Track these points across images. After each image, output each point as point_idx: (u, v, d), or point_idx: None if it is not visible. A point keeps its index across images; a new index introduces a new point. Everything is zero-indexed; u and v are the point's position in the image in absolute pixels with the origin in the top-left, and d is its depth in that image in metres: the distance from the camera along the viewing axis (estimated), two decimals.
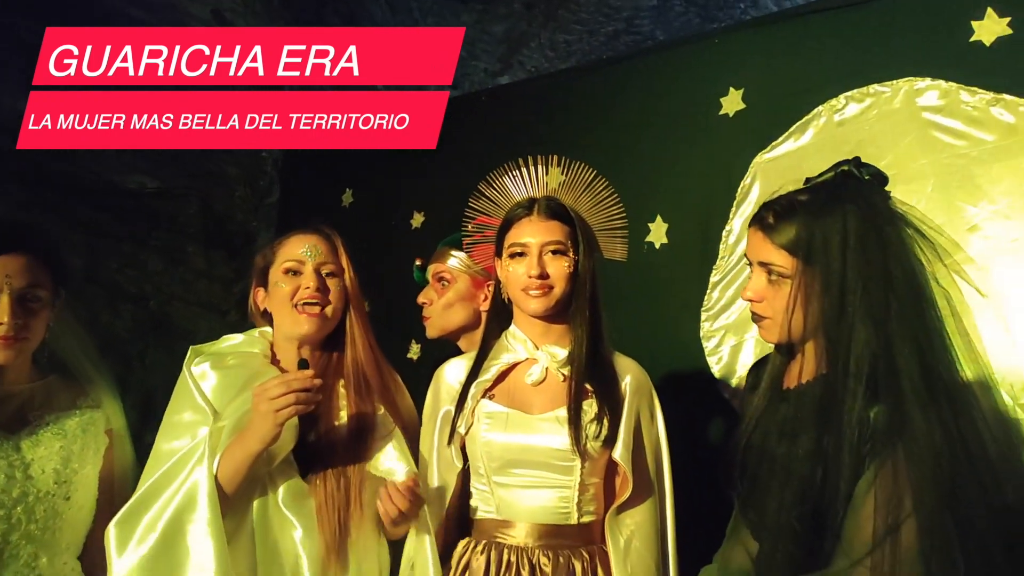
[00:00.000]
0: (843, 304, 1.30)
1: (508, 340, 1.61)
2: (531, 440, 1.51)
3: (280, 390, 1.38)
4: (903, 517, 1.20)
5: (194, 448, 1.43)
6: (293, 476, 1.49)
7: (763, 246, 1.39)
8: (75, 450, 1.53)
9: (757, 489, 1.39)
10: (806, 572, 1.29)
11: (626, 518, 1.51)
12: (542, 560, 1.47)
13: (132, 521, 1.39)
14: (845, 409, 1.26)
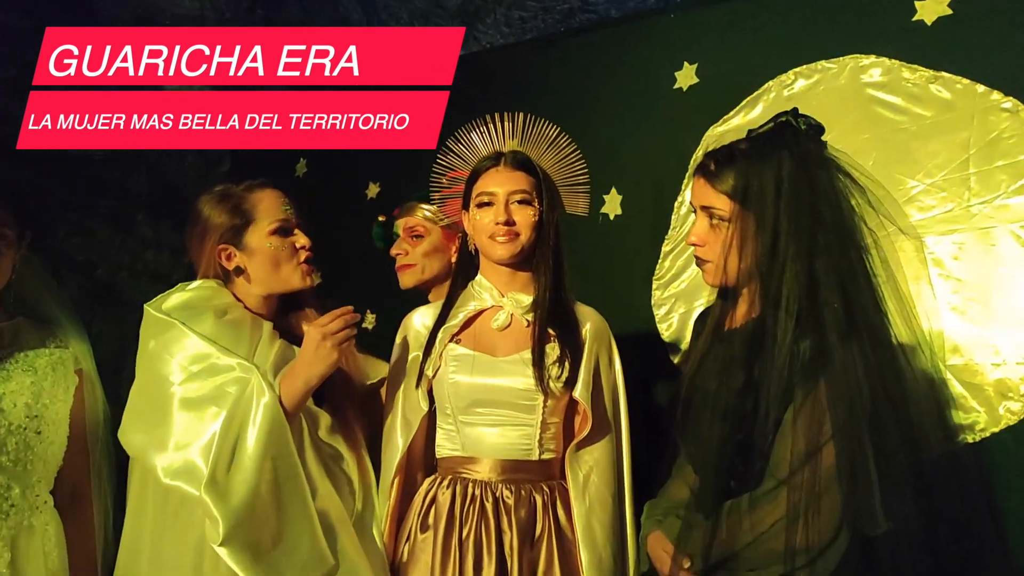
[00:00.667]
0: (775, 244, 1.39)
1: (474, 289, 1.69)
2: (496, 381, 1.59)
3: (339, 324, 1.48)
4: (824, 440, 1.31)
5: (252, 392, 1.45)
6: (316, 410, 1.58)
7: (705, 191, 1.48)
8: (45, 387, 1.57)
9: (697, 423, 1.49)
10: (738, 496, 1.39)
11: (585, 455, 1.60)
12: (505, 493, 1.57)
13: (220, 478, 1.38)
14: (776, 344, 1.36)
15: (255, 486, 1.39)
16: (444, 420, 1.64)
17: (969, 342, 1.94)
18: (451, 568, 1.52)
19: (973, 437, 1.91)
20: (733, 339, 1.50)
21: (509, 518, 1.54)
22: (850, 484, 1.31)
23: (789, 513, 1.31)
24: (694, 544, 1.41)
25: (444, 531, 1.54)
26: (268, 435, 1.42)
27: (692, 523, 1.44)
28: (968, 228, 1.96)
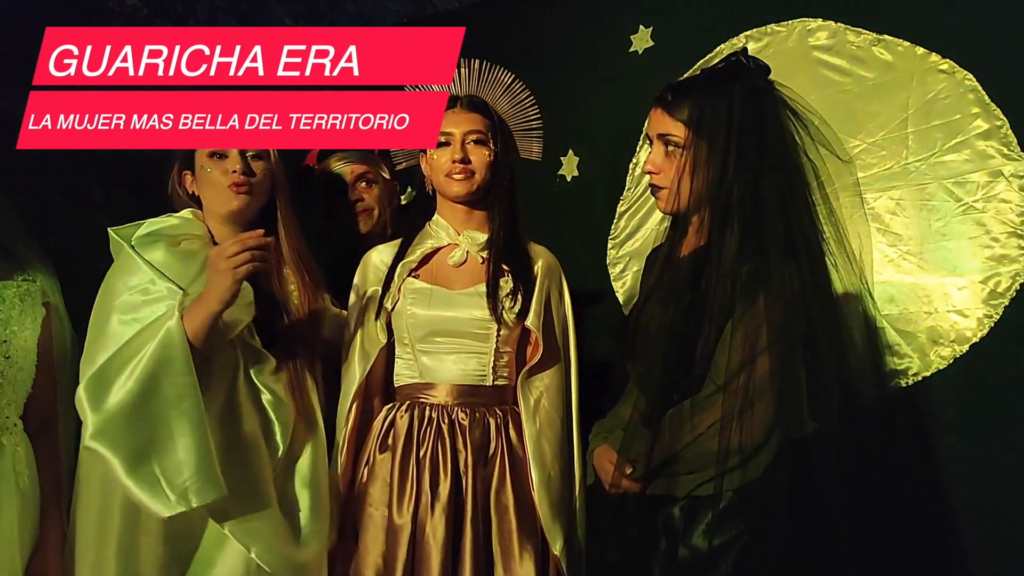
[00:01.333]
0: (725, 169, 1.51)
1: (431, 228, 1.79)
2: (452, 312, 1.69)
3: (236, 248, 1.48)
4: (760, 349, 1.43)
5: (166, 315, 1.51)
6: (258, 349, 1.63)
7: (662, 120, 1.58)
8: (13, 315, 1.63)
9: (645, 344, 1.59)
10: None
11: (536, 381, 1.71)
12: (460, 415, 1.67)
13: (105, 380, 1.46)
14: (721, 262, 1.48)
15: (135, 395, 1.44)
16: (403, 350, 1.73)
17: (904, 292, 2.05)
18: (409, 485, 1.61)
19: (906, 381, 2.02)
20: (682, 265, 1.61)
21: (464, 438, 1.64)
22: (781, 388, 1.43)
23: (724, 416, 1.43)
24: (636, 451, 1.52)
25: (402, 451, 1.63)
26: (159, 353, 1.46)
27: (635, 433, 1.54)
28: (905, 185, 2.07)
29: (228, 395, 1.57)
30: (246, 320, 1.61)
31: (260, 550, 1.50)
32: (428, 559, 1.57)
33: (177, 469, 1.42)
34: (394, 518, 1.61)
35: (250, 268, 1.49)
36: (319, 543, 1.60)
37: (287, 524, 1.57)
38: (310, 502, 1.61)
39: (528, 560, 1.61)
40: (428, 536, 1.58)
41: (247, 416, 1.59)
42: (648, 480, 1.51)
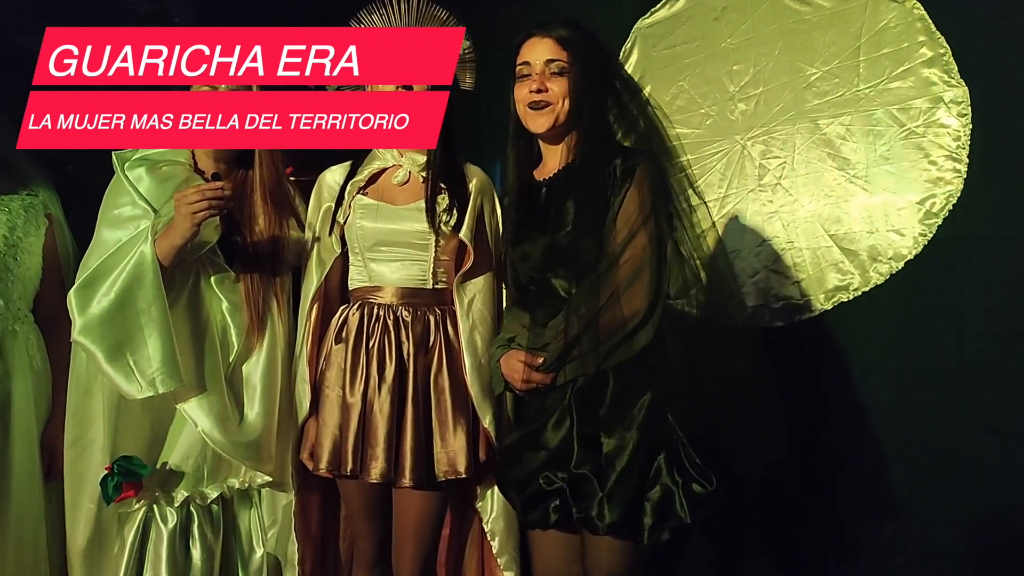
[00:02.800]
0: (598, 91, 1.75)
1: (377, 151, 1.95)
2: (396, 225, 1.89)
3: (196, 197, 1.69)
4: (636, 227, 1.67)
5: (140, 234, 1.76)
6: (220, 264, 1.87)
7: (551, 47, 1.77)
8: (19, 224, 1.87)
9: (533, 265, 1.78)
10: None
11: (469, 284, 1.92)
12: (404, 313, 1.88)
13: (91, 287, 1.72)
14: (599, 166, 1.71)
15: (113, 303, 1.70)
16: (355, 259, 1.94)
17: (849, 213, 2.17)
18: (360, 370, 1.84)
19: (847, 296, 2.17)
20: (555, 182, 1.80)
21: (407, 332, 1.85)
22: (659, 256, 1.67)
23: (619, 285, 1.64)
24: (542, 342, 1.70)
25: (354, 343, 1.85)
26: (134, 271, 1.72)
27: (537, 333, 1.73)
28: (855, 111, 2.17)
29: (189, 299, 1.83)
30: (213, 240, 1.84)
31: (207, 427, 1.77)
32: (376, 431, 1.80)
33: (147, 362, 1.69)
34: (347, 397, 1.84)
35: (206, 215, 1.70)
36: (263, 426, 1.84)
37: (234, 408, 1.83)
38: (259, 394, 1.86)
39: (460, 432, 1.84)
40: (376, 412, 1.81)
41: (206, 318, 1.84)
42: (557, 368, 1.68)
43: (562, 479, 1.65)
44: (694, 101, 2.47)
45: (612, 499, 1.60)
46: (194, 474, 1.82)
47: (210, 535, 1.83)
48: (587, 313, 1.65)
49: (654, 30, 2.56)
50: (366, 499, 1.87)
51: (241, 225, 1.91)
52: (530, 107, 1.77)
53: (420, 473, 1.80)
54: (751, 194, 2.35)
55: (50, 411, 1.87)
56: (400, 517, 1.86)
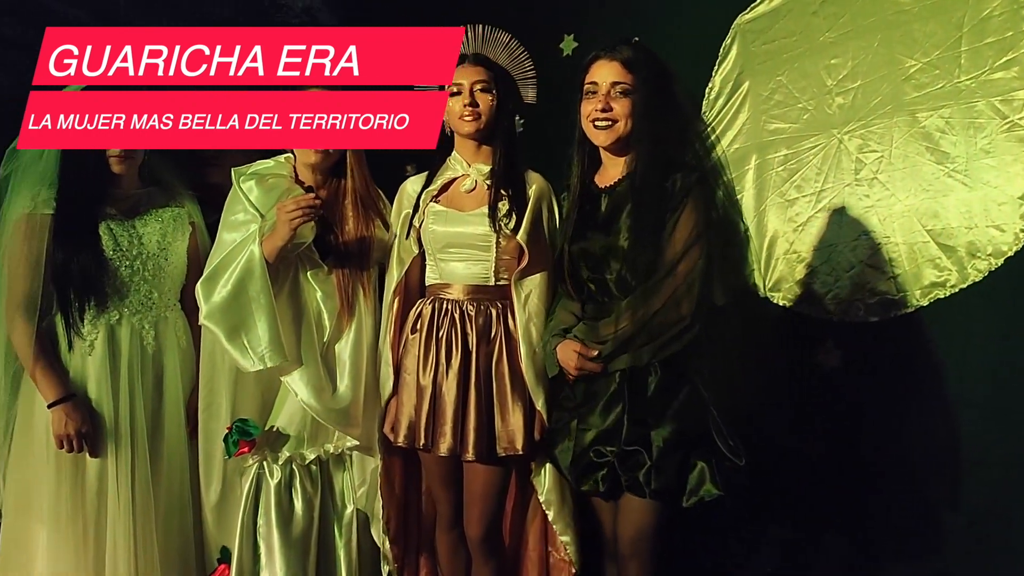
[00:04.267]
0: (659, 114, 1.91)
1: (450, 162, 2.18)
2: (462, 228, 2.11)
3: (292, 206, 1.99)
4: (691, 243, 1.86)
5: (250, 236, 2.08)
6: (315, 260, 2.17)
7: (618, 70, 1.94)
8: (168, 230, 2.21)
9: (592, 263, 1.98)
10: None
11: (526, 281, 2.12)
12: (468, 308, 2.11)
13: (213, 280, 2.06)
14: (657, 181, 1.89)
15: (230, 293, 2.03)
16: (429, 259, 2.18)
17: (947, 208, 2.13)
18: (430, 357, 2.08)
19: (944, 293, 2.14)
20: (615, 191, 1.99)
21: (471, 324, 2.08)
22: (707, 272, 1.86)
23: (673, 293, 1.84)
24: (599, 336, 1.91)
25: (426, 333, 2.10)
26: (245, 267, 2.03)
27: (593, 326, 1.95)
28: (955, 103, 2.13)
29: (290, 289, 2.14)
30: (309, 239, 2.13)
31: (304, 395, 2.08)
32: (444, 411, 2.05)
33: (257, 341, 2.02)
34: (420, 380, 2.09)
35: (300, 221, 1.99)
36: (351, 396, 2.13)
37: (328, 380, 2.13)
38: (348, 369, 2.15)
39: (518, 413, 2.06)
40: (444, 394, 2.05)
41: (304, 305, 2.15)
42: (610, 360, 1.90)
43: (611, 452, 1.89)
44: (792, 95, 2.48)
45: (658, 468, 1.84)
46: (296, 437, 2.14)
47: (310, 490, 2.13)
48: (643, 315, 1.86)
49: (754, 25, 2.58)
50: (440, 469, 2.12)
51: (334, 226, 2.18)
52: (595, 123, 1.95)
53: (482, 448, 2.02)
54: (847, 188, 2.34)
55: (194, 382, 2.21)
56: (468, 486, 2.11)
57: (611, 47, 1.96)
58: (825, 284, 2.37)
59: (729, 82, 2.63)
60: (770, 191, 2.53)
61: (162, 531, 2.12)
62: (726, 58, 2.64)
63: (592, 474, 1.92)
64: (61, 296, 2.04)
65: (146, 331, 2.14)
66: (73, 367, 2.07)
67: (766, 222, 2.52)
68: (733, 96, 2.61)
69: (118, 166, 2.10)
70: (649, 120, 1.90)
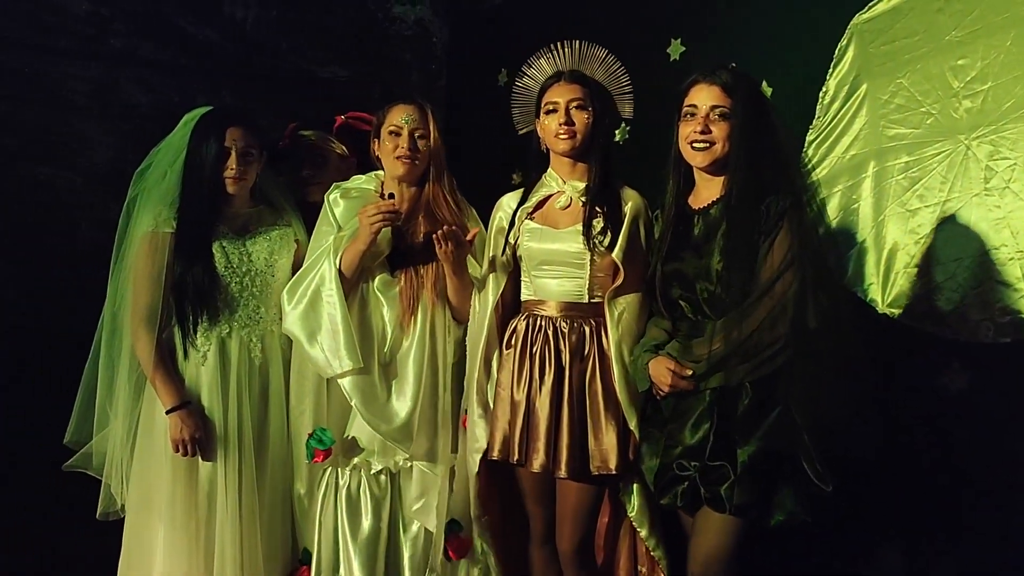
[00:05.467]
0: (756, 137, 1.92)
1: (545, 179, 2.19)
2: (556, 246, 2.12)
3: (373, 210, 2.11)
4: (786, 265, 1.85)
5: (327, 248, 2.22)
6: (385, 273, 2.27)
7: (717, 94, 1.96)
8: (276, 248, 2.35)
9: (683, 283, 1.99)
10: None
11: (620, 299, 2.09)
12: (562, 324, 2.10)
13: (294, 289, 2.23)
14: (752, 204, 1.90)
15: (308, 302, 2.19)
16: (523, 274, 2.19)
17: None
18: (524, 373, 2.08)
19: None
20: (705, 213, 2.01)
21: (565, 341, 2.07)
22: (801, 294, 1.84)
23: (768, 315, 1.84)
24: (694, 355, 1.91)
25: (520, 349, 2.11)
26: (320, 277, 2.18)
27: (687, 344, 1.95)
28: None
29: (359, 299, 2.25)
30: (386, 251, 2.24)
31: (357, 401, 2.16)
32: (537, 427, 2.05)
33: (333, 347, 2.14)
34: (514, 396, 2.10)
35: (380, 226, 2.11)
36: (406, 412, 2.18)
37: (384, 390, 2.21)
38: (409, 384, 2.21)
39: (612, 432, 2.03)
40: (537, 410, 2.05)
41: (369, 314, 2.25)
42: (703, 379, 1.89)
43: (694, 467, 1.88)
44: (914, 99, 2.31)
45: (741, 484, 1.82)
46: (367, 448, 2.23)
47: (378, 499, 2.21)
48: (738, 336, 1.85)
49: (872, 25, 2.42)
50: (534, 485, 2.13)
51: (406, 238, 2.27)
52: (692, 145, 1.96)
53: (575, 466, 2.00)
54: (976, 199, 2.16)
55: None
56: (560, 503, 2.10)
57: (711, 71, 1.99)
58: (950, 301, 2.20)
59: (845, 85, 2.48)
60: (890, 200, 2.37)
61: (266, 532, 2.23)
62: (842, 60, 2.50)
63: (673, 488, 1.92)
64: (178, 309, 2.20)
65: (254, 344, 2.27)
66: (188, 376, 2.22)
67: (885, 233, 2.37)
68: (850, 100, 2.46)
69: (233, 187, 2.24)
70: (746, 143, 1.92)
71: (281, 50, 3.98)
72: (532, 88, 2.19)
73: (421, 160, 2.25)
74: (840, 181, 2.47)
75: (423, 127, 2.25)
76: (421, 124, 2.25)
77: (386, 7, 4.21)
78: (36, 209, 3.43)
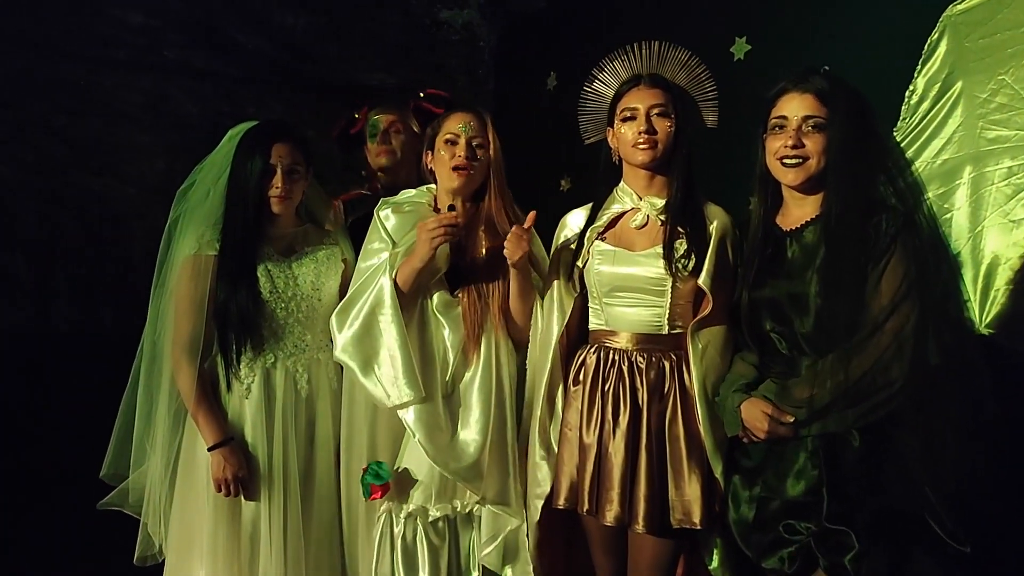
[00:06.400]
0: (856, 148, 1.69)
1: (617, 194, 1.97)
2: (632, 270, 1.89)
3: (434, 224, 1.92)
4: (903, 294, 1.62)
5: (381, 265, 2.03)
6: (445, 293, 2.07)
7: (811, 103, 1.74)
8: (323, 270, 2.18)
9: (776, 313, 1.77)
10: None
11: (704, 331, 1.85)
12: (638, 359, 1.88)
13: (345, 312, 2.03)
14: (855, 225, 1.66)
15: (361, 324, 1.99)
16: (593, 302, 1.96)
17: None
18: (595, 413, 1.87)
19: None
20: (799, 235, 1.78)
21: (641, 378, 1.84)
22: (921, 328, 1.62)
23: (882, 354, 1.62)
24: (793, 398, 1.68)
25: (591, 385, 1.88)
26: (375, 299, 1.99)
27: (784, 385, 1.71)
28: None
29: (418, 322, 2.05)
30: (444, 268, 2.05)
31: (420, 435, 1.94)
32: (611, 474, 1.83)
33: (391, 375, 1.95)
34: (583, 438, 1.88)
35: (441, 240, 1.92)
36: (475, 448, 1.96)
37: (448, 422, 1.99)
38: (476, 416, 1.99)
39: (695, 481, 1.80)
40: (611, 455, 1.83)
41: (430, 339, 2.04)
42: (805, 424, 1.67)
43: (806, 529, 1.66)
44: (1018, 97, 2.10)
45: (870, 556, 1.59)
46: (424, 488, 2.01)
47: (436, 548, 2.01)
48: (846, 379, 1.63)
49: (968, 17, 2.22)
50: (603, 536, 1.93)
51: (466, 254, 2.08)
52: (783, 161, 1.75)
53: (654, 520, 1.79)
54: None
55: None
56: (634, 557, 1.89)
57: (802, 77, 1.76)
58: None
59: (936, 83, 2.28)
60: (989, 210, 2.16)
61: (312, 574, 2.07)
62: (932, 56, 2.30)
63: (778, 550, 1.69)
64: (221, 338, 2.05)
65: (299, 374, 2.12)
66: (231, 409, 2.07)
67: (983, 246, 2.17)
68: (942, 100, 2.27)
69: (278, 206, 2.09)
70: (845, 157, 1.70)
71: (329, 57, 3.92)
72: (605, 93, 1.98)
73: (478, 171, 2.06)
74: (930, 188, 2.25)
75: (482, 136, 2.06)
76: (480, 133, 2.06)
77: (433, 12, 4.12)
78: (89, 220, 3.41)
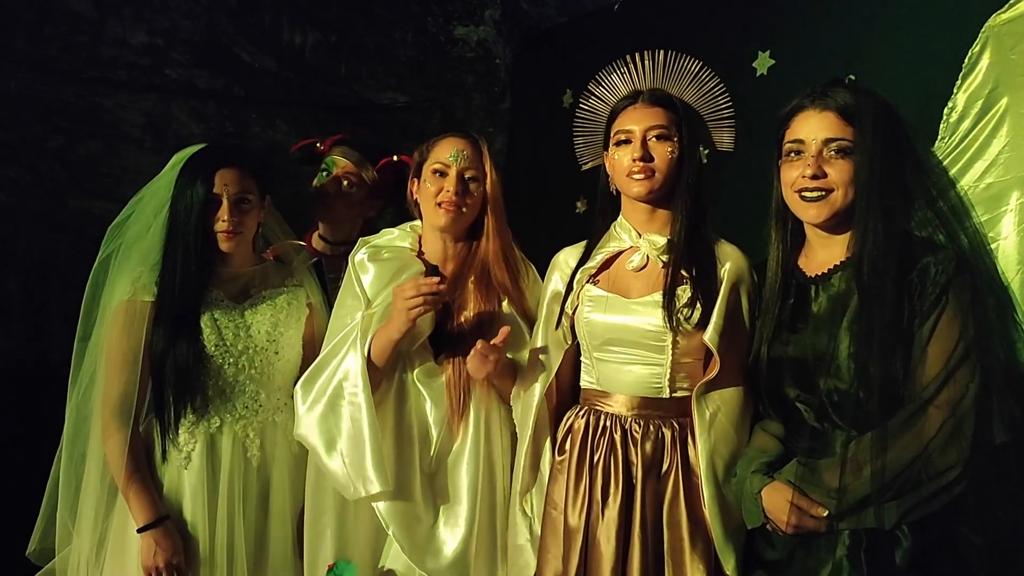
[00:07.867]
0: (895, 177, 1.41)
1: (615, 229, 1.69)
2: (627, 321, 1.60)
3: (412, 292, 1.60)
4: (960, 358, 1.32)
5: (350, 331, 1.73)
6: (427, 358, 1.76)
7: (832, 123, 1.45)
8: (282, 318, 1.90)
9: (798, 374, 1.49)
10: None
11: (714, 395, 1.56)
12: (634, 427, 1.59)
13: (310, 384, 1.75)
14: (893, 269, 1.36)
15: (327, 402, 1.69)
16: (584, 355, 1.70)
17: None
18: (582, 489, 1.59)
19: None
20: (825, 282, 1.50)
21: (636, 450, 1.57)
22: (983, 401, 1.31)
23: (937, 434, 1.31)
24: (824, 484, 1.38)
25: (578, 456, 1.61)
26: (343, 372, 1.70)
27: (815, 467, 1.40)
28: None
29: (395, 396, 1.76)
30: (427, 333, 1.75)
31: (396, 528, 1.68)
32: (599, 566, 1.55)
33: (357, 464, 1.65)
34: (568, 520, 1.61)
35: (421, 311, 1.62)
36: (460, 542, 1.69)
37: (429, 510, 1.71)
38: (463, 504, 1.71)
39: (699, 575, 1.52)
40: (599, 543, 1.55)
41: (408, 414, 1.75)
42: (840, 517, 1.36)
43: None
44: None
45: None
46: None
47: None
48: (890, 464, 1.33)
49: (1013, 27, 2.00)
50: None
51: (453, 315, 1.79)
52: (802, 195, 1.48)
53: None
54: None
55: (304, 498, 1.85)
56: None
57: (820, 92, 1.47)
58: None
59: (978, 100, 2.07)
60: None
61: None
62: (974, 70, 2.09)
63: None
64: (157, 398, 1.77)
65: (251, 440, 1.83)
66: (168, 481, 1.78)
67: None
68: (985, 118, 2.05)
69: (226, 242, 1.81)
70: (879, 187, 1.40)
71: (339, 76, 3.81)
72: (600, 112, 1.72)
73: (470, 209, 1.78)
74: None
75: (476, 167, 1.78)
76: (474, 163, 1.77)
77: (447, 29, 4.00)
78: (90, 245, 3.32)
